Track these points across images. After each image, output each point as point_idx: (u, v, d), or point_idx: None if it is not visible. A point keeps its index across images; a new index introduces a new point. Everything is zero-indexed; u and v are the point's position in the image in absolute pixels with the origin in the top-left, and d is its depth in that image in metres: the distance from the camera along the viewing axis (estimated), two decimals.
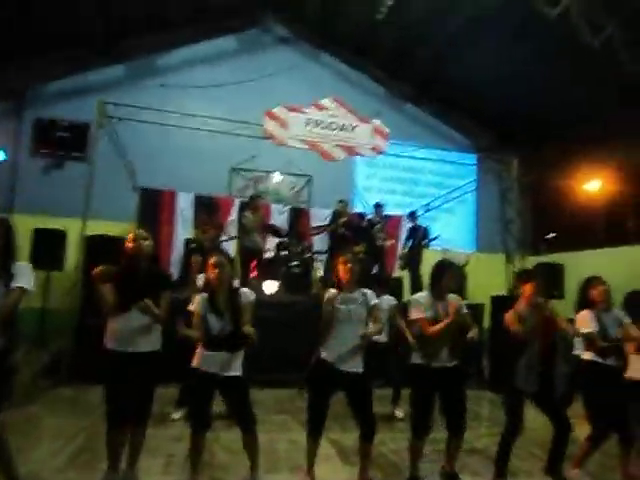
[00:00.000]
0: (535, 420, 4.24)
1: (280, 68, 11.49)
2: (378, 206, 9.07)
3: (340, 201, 9.25)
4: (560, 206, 13.11)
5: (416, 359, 3.92)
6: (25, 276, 3.10)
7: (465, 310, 4.04)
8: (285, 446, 4.59)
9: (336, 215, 9.30)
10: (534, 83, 11.00)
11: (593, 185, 11.43)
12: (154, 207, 10.21)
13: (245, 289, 3.77)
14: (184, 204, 10.36)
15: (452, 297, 3.98)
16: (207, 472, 3.80)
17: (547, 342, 3.89)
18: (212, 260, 3.61)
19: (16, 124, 10.35)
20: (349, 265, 3.79)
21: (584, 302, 4.25)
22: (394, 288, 9.19)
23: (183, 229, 10.20)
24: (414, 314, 3.93)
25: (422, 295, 4.03)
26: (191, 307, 3.61)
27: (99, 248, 7.46)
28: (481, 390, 7.51)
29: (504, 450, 3.89)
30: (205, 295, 3.64)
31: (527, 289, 3.95)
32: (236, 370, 3.55)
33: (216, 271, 3.56)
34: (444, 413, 3.94)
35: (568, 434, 3.87)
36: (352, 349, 3.68)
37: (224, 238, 9.13)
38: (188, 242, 9.26)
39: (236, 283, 3.63)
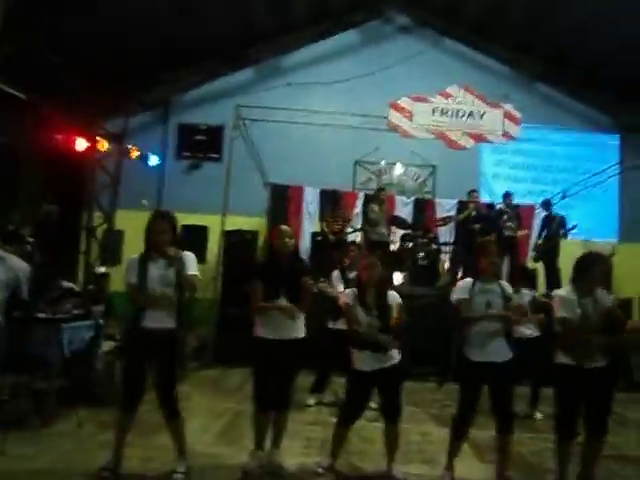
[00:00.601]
0: None
1: (403, 57, 11.36)
2: (507, 195, 8.64)
3: (472, 191, 8.96)
4: None
5: (562, 358, 3.58)
6: (194, 264, 3.61)
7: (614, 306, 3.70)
8: (417, 438, 4.63)
9: (463, 206, 9.01)
10: None
11: None
12: (283, 202, 10.71)
13: (392, 292, 3.90)
14: (310, 198, 10.74)
15: (600, 293, 3.60)
16: (343, 457, 3.95)
17: None
18: (365, 260, 3.92)
19: (163, 130, 11.49)
20: (492, 258, 3.72)
21: None
22: (529, 280, 8.77)
23: (309, 223, 10.58)
24: (561, 312, 3.55)
25: (568, 290, 3.67)
26: (343, 299, 3.86)
27: (237, 241, 8.06)
28: (631, 392, 6.89)
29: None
30: (355, 290, 3.83)
31: None
32: (391, 360, 3.67)
33: (369, 270, 3.77)
34: (587, 415, 3.58)
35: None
36: (493, 339, 3.61)
37: (349, 230, 9.35)
38: (314, 236, 9.63)
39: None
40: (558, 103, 12.60)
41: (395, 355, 3.70)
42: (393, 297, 3.82)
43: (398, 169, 11.87)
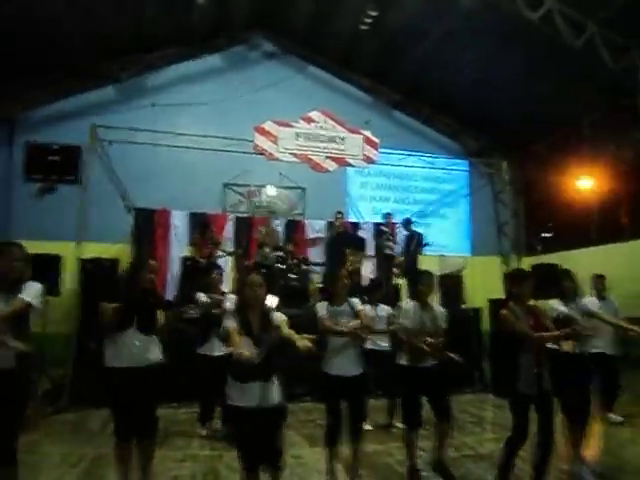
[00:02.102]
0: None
1: (268, 83, 11.60)
2: (387, 215, 9.17)
3: (338, 212, 9.28)
4: (553, 206, 13.19)
5: (402, 360, 4.31)
6: (32, 291, 3.21)
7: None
8: (289, 461, 4.57)
9: (331, 226, 9.33)
10: (520, 85, 11.14)
11: (585, 184, 11.51)
12: (149, 226, 10.21)
13: (275, 313, 3.32)
14: (178, 222, 10.37)
15: (435, 306, 4.51)
16: None
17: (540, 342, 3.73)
18: (251, 279, 3.27)
19: (8, 150, 10.39)
20: (345, 281, 4.19)
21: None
22: (394, 295, 9.25)
23: (178, 247, 10.20)
24: (402, 321, 4.34)
25: (408, 303, 4.42)
26: (228, 324, 3.19)
27: (95, 271, 7.45)
28: (483, 394, 7.50)
29: (508, 456, 3.75)
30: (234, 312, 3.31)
31: (524, 289, 3.82)
32: (275, 397, 3.17)
33: (255, 290, 3.21)
34: (431, 405, 4.27)
35: (552, 447, 3.72)
36: (346, 356, 4.01)
37: (219, 254, 9.16)
38: (185, 260, 9.29)
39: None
40: (415, 130, 13.70)
41: (278, 391, 3.19)
42: (277, 316, 3.27)
43: (269, 191, 11.96)
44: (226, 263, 9.47)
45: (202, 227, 8.78)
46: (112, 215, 9.87)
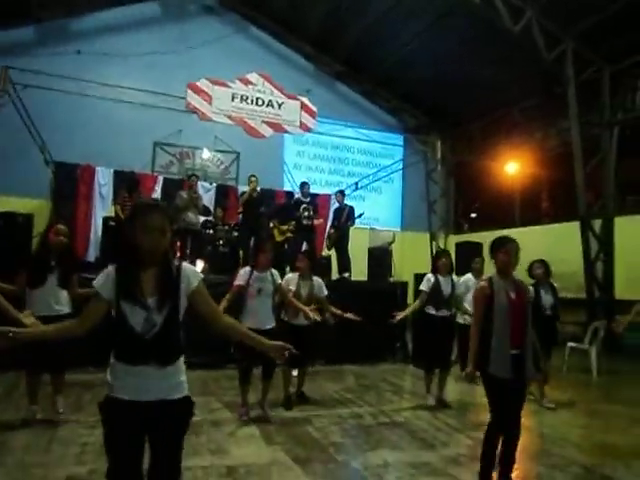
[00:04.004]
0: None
1: (206, 39, 11.07)
2: (303, 185, 8.95)
3: (251, 175, 8.75)
4: (481, 187, 13.70)
5: (284, 317, 5.28)
6: None
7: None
8: (208, 428, 4.52)
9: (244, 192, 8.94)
10: (459, 67, 11.31)
11: (512, 168, 11.98)
12: (70, 183, 9.60)
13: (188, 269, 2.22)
14: (103, 180, 9.82)
15: (316, 279, 5.46)
16: None
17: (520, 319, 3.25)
18: (147, 219, 2.04)
19: None
20: (268, 255, 4.77)
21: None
22: (323, 267, 9.29)
23: (101, 206, 9.70)
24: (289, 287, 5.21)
25: (295, 275, 5.40)
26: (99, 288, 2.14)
27: (5, 225, 6.92)
28: (405, 364, 7.75)
29: (489, 449, 3.29)
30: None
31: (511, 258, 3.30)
32: (178, 386, 2.13)
33: (152, 235, 2.03)
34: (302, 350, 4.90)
35: (517, 440, 3.30)
36: (262, 313, 4.70)
37: None
38: (107, 220, 8.82)
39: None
40: (355, 103, 13.65)
41: (183, 379, 2.15)
42: (189, 276, 2.14)
43: (204, 154, 11.57)
44: None
45: (129, 186, 8.32)
46: (29, 168, 9.20)
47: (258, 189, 8.62)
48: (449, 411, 5.31)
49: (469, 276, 6.86)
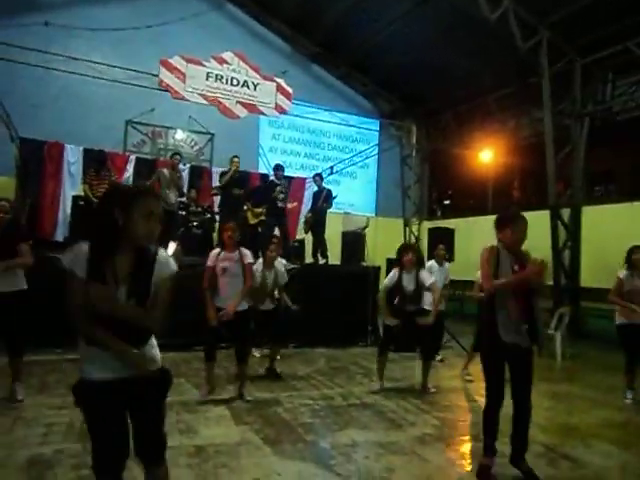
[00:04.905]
0: None
1: (181, 15, 10.78)
2: (278, 168, 8.88)
3: (234, 156, 8.72)
4: (455, 174, 13.83)
5: (250, 303, 5.12)
6: None
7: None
8: (178, 409, 4.50)
9: (226, 172, 8.83)
10: (436, 54, 11.31)
11: (485, 156, 12.11)
12: (37, 160, 9.31)
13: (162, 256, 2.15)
14: (72, 158, 9.56)
15: (278, 265, 5.74)
16: None
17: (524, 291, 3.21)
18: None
19: None
20: (230, 233, 4.84)
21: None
22: (297, 251, 9.30)
23: (70, 185, 9.45)
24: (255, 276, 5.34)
25: (260, 263, 5.62)
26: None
27: None
28: (376, 347, 7.81)
29: (489, 423, 3.30)
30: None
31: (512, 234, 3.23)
32: (152, 363, 2.15)
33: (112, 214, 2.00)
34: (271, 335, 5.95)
35: (529, 416, 3.28)
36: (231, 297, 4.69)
37: None
38: (76, 199, 8.61)
39: None
40: (331, 86, 13.55)
41: (155, 352, 2.18)
42: (163, 266, 2.12)
43: (178, 134, 11.36)
44: None
45: (98, 164, 8.12)
46: None
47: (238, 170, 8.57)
48: (417, 393, 5.40)
49: (432, 263, 7.03)
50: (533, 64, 9.96)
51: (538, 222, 10.22)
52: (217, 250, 4.93)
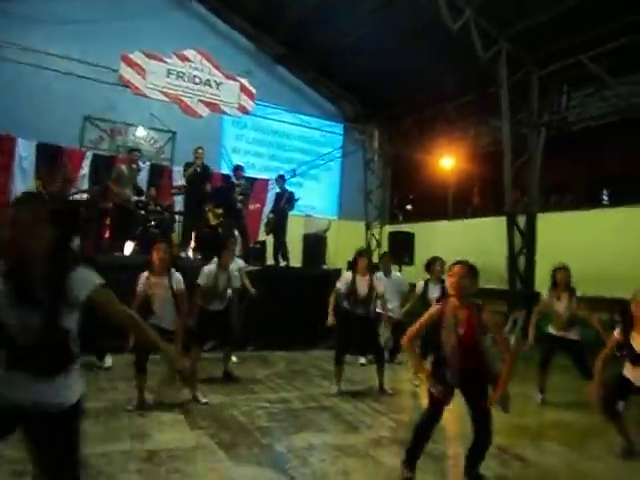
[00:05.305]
0: None
1: (143, 10, 10.54)
2: (238, 168, 8.76)
3: (198, 148, 8.45)
4: (417, 179, 14.02)
5: (201, 304, 5.27)
6: None
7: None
8: (130, 412, 4.38)
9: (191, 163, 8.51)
10: (400, 59, 11.44)
11: (446, 162, 12.33)
12: None
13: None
14: (24, 152, 9.20)
15: (233, 267, 5.56)
16: None
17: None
18: (16, 212, 1.82)
19: None
20: (161, 254, 4.49)
21: None
22: (258, 252, 9.22)
23: (22, 180, 9.09)
24: (201, 280, 5.26)
25: (213, 265, 5.40)
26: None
27: None
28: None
29: (417, 438, 3.20)
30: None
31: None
32: (65, 394, 1.90)
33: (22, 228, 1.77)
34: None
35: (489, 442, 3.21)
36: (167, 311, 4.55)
37: (72, 192, 8.33)
38: None
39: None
40: (295, 88, 13.52)
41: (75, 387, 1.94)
42: (79, 286, 1.85)
43: (139, 132, 11.10)
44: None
45: (52, 160, 7.85)
46: None
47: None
48: (375, 395, 5.43)
49: (380, 273, 6.78)
50: (493, 74, 10.21)
51: (495, 228, 10.51)
52: (146, 274, 4.58)
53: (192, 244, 8.45)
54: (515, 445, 4.08)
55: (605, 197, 10.56)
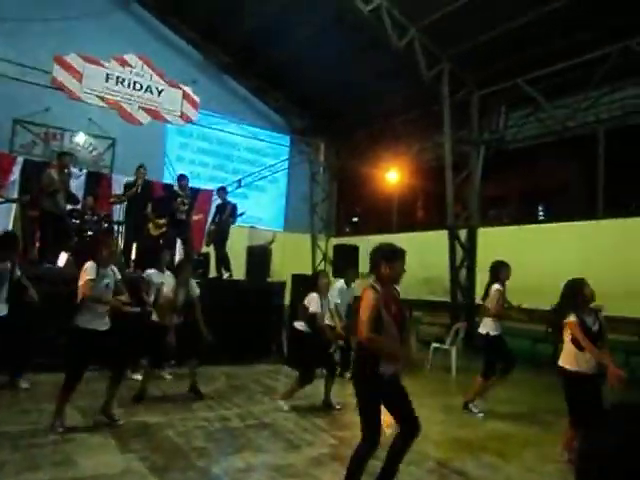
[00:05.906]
0: None
1: (82, 11, 10.14)
2: (181, 177, 8.51)
3: (140, 166, 8.21)
4: (363, 192, 14.16)
5: (155, 319, 5.48)
6: None
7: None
8: (54, 437, 4.08)
9: (132, 183, 8.34)
10: (348, 73, 11.55)
11: (392, 176, 12.52)
12: None
13: None
14: None
15: (193, 283, 5.69)
16: None
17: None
18: None
19: None
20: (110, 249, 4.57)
21: None
22: (201, 264, 8.96)
23: None
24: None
25: (170, 276, 5.66)
26: None
27: None
28: (280, 365, 7.71)
29: (357, 466, 3.03)
30: None
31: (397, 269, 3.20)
32: None
33: None
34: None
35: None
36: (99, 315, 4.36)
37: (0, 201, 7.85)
38: None
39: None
40: (242, 98, 13.40)
41: None
42: None
43: (77, 138, 10.62)
44: (8, 212, 8.18)
45: None
46: None
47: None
48: (317, 411, 5.34)
49: (341, 283, 7.13)
50: (436, 92, 10.49)
51: (438, 241, 10.74)
52: (93, 265, 4.42)
53: (133, 255, 8.12)
54: (454, 459, 4.09)
55: (540, 212, 11.02)
